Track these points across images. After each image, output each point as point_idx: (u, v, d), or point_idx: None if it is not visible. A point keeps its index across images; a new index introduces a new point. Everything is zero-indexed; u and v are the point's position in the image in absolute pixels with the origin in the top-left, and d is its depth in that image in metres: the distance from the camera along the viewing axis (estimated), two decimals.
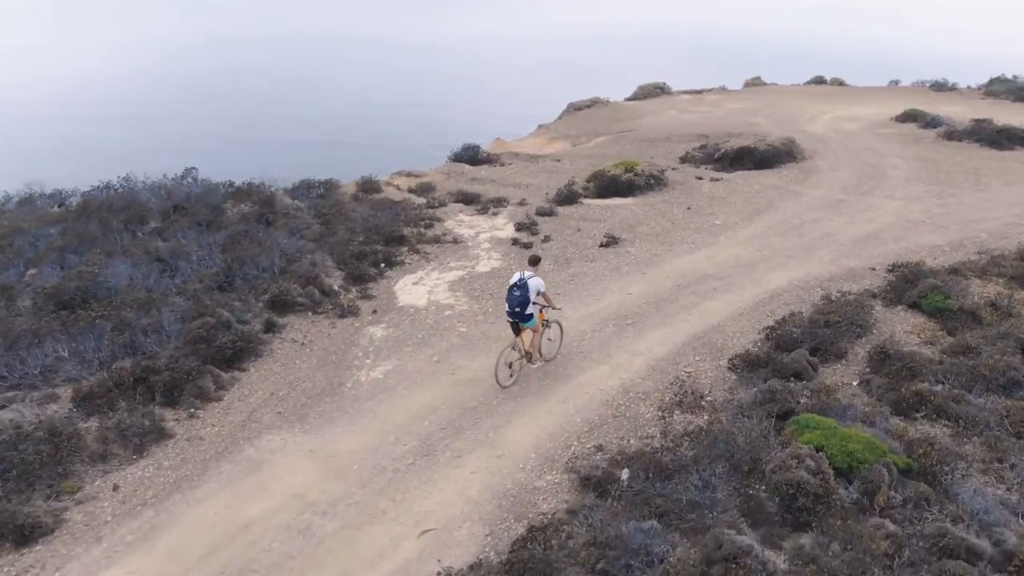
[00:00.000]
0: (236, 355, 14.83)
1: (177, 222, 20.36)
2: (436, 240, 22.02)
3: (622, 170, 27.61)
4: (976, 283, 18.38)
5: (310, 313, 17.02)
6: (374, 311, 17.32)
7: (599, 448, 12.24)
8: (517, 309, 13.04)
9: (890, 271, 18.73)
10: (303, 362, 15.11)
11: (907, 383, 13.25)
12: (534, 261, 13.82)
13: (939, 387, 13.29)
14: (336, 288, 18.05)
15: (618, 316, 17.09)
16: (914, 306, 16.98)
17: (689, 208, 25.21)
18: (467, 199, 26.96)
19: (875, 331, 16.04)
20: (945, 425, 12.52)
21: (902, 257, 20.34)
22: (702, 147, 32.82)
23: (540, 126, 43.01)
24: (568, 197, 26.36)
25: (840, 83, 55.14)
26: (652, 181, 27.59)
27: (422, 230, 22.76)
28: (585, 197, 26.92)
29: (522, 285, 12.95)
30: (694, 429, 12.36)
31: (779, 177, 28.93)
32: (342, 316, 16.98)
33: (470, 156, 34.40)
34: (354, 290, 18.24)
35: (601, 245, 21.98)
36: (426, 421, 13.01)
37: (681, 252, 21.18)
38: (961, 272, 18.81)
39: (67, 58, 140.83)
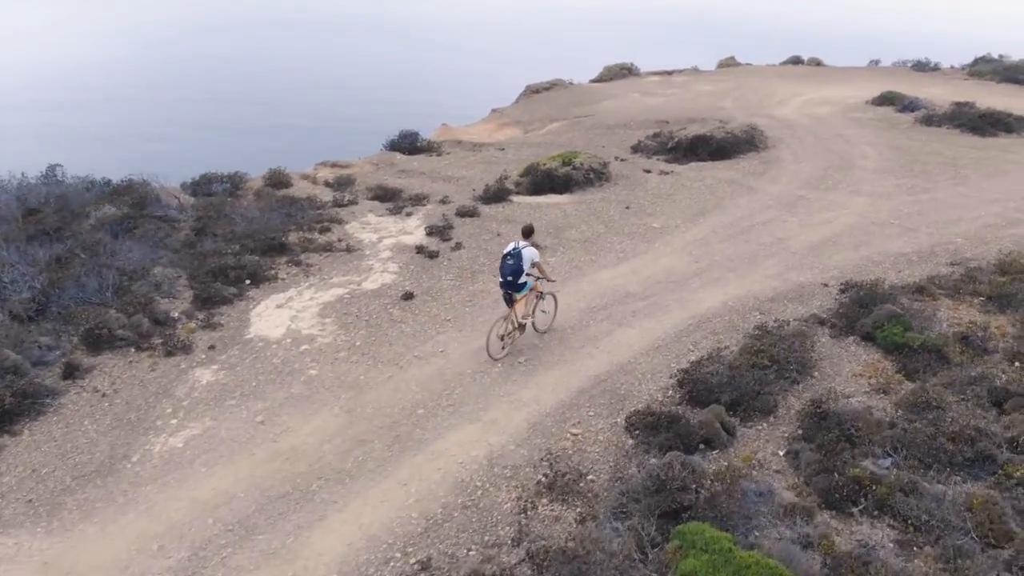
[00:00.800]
0: (9, 413, 11.42)
1: (10, 232, 16.87)
2: (327, 248, 18.60)
3: (559, 163, 24.10)
4: (946, 305, 15.00)
5: (133, 350, 13.60)
6: (211, 346, 13.91)
7: (424, 566, 8.87)
8: (510, 278, 12.45)
9: (843, 291, 15.28)
10: (94, 422, 11.73)
11: (846, 460, 9.88)
12: (528, 232, 13.06)
13: (887, 464, 9.93)
14: (175, 316, 14.62)
15: (511, 351, 13.70)
16: (868, 338, 13.60)
17: (628, 208, 21.77)
18: (385, 195, 23.54)
19: (817, 373, 12.69)
20: (890, 525, 9.17)
21: (861, 270, 16.97)
22: (656, 135, 29.30)
23: (493, 110, 39.41)
24: (497, 194, 22.94)
25: (818, 63, 51.49)
26: (592, 176, 24.10)
27: (315, 235, 19.36)
28: (517, 194, 23.47)
29: (515, 254, 12.39)
30: (556, 535, 9.00)
31: (735, 169, 25.46)
32: (170, 354, 13.57)
33: (408, 144, 30.89)
34: (199, 317, 14.81)
35: None
36: (210, 519, 9.66)
37: (606, 264, 17.78)
38: (928, 291, 15.43)
39: (48, 46, 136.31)
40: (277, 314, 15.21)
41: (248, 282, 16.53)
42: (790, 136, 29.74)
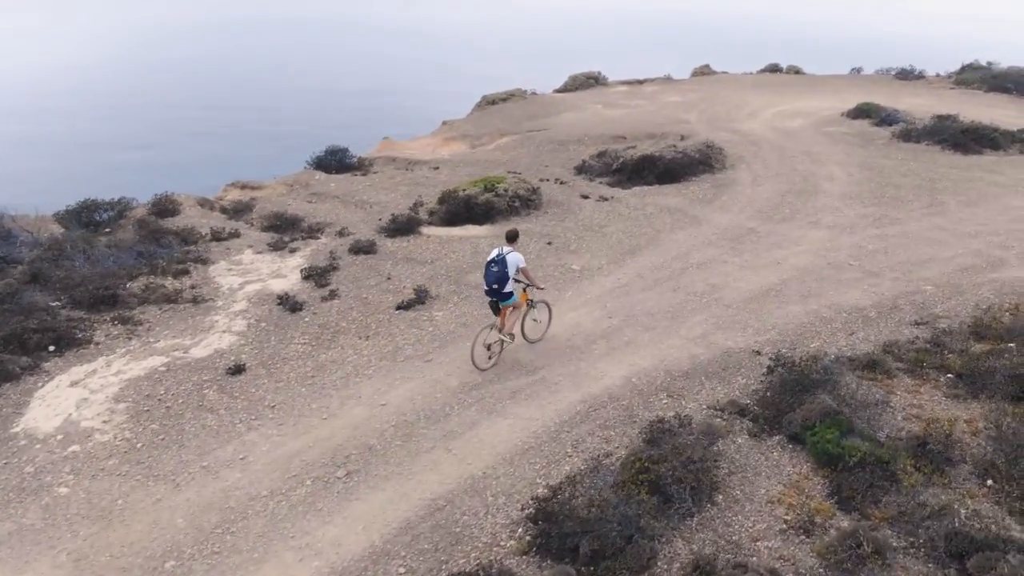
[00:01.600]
0: None
1: None
2: (172, 298, 15.25)
3: (480, 189, 20.73)
4: (904, 387, 11.60)
5: None
6: None
7: None
8: (495, 286, 11.60)
9: (770, 371, 11.83)
10: None
11: None
12: (512, 236, 12.12)
13: None
14: None
15: (333, 457, 10.35)
16: (796, 439, 10.18)
17: (550, 243, 18.42)
18: (280, 225, 20.28)
19: (721, 498, 9.28)
20: None
21: (805, 331, 13.58)
22: (601, 155, 25.89)
23: (444, 122, 36.02)
24: (405, 225, 19.64)
25: (797, 71, 48.05)
26: (518, 203, 20.73)
27: (166, 280, 16.01)
28: (430, 224, 20.14)
29: (500, 260, 11.54)
30: None
31: (683, 195, 22.08)
32: None
33: (336, 161, 27.59)
34: None
35: (400, 306, 15.22)
36: None
37: None
38: (883, 366, 12.03)
39: (44, 47, 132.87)
40: (65, 396, 11.84)
41: (52, 348, 13.15)
42: (753, 154, 26.33)
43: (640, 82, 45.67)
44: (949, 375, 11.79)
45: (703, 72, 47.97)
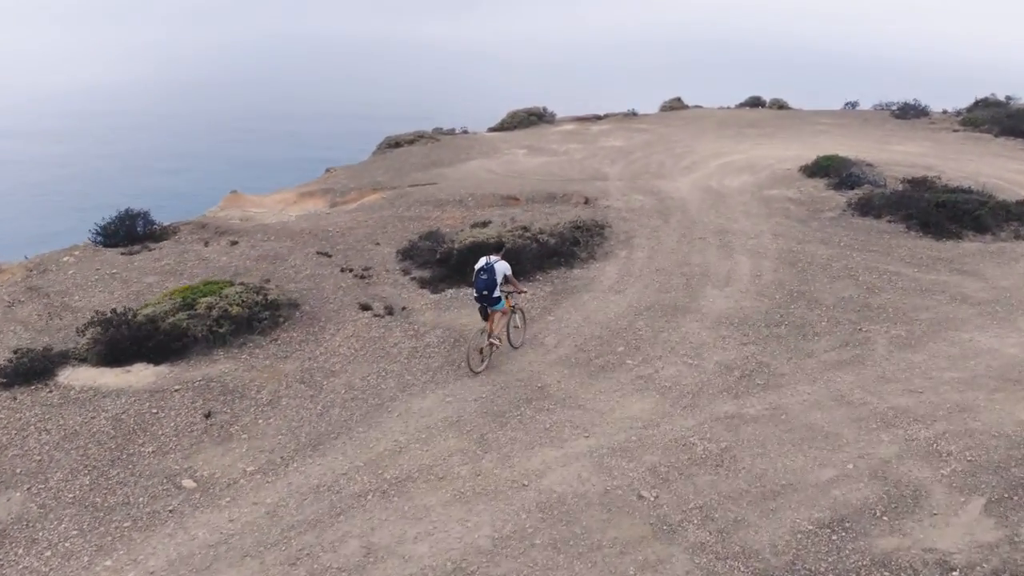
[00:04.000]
0: None
1: None
2: None
3: (178, 303, 13.46)
4: None
5: None
6: None
7: None
8: (484, 292, 11.52)
9: None
10: None
11: None
12: (499, 247, 12.90)
13: None
14: None
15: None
16: None
17: (209, 417, 11.04)
18: None
19: None
20: None
21: None
22: (430, 235, 18.44)
23: (328, 170, 28.95)
24: (40, 365, 12.61)
25: (780, 106, 39.68)
26: (227, 327, 13.38)
27: None
28: (84, 361, 13.00)
29: (488, 269, 11.50)
30: None
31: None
32: None
33: (126, 231, 20.78)
34: None
35: None
36: None
37: None
38: None
39: (65, 65, 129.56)
40: None
41: None
42: (650, 232, 18.72)
43: (597, 118, 38.03)
44: None
45: (673, 106, 40.08)
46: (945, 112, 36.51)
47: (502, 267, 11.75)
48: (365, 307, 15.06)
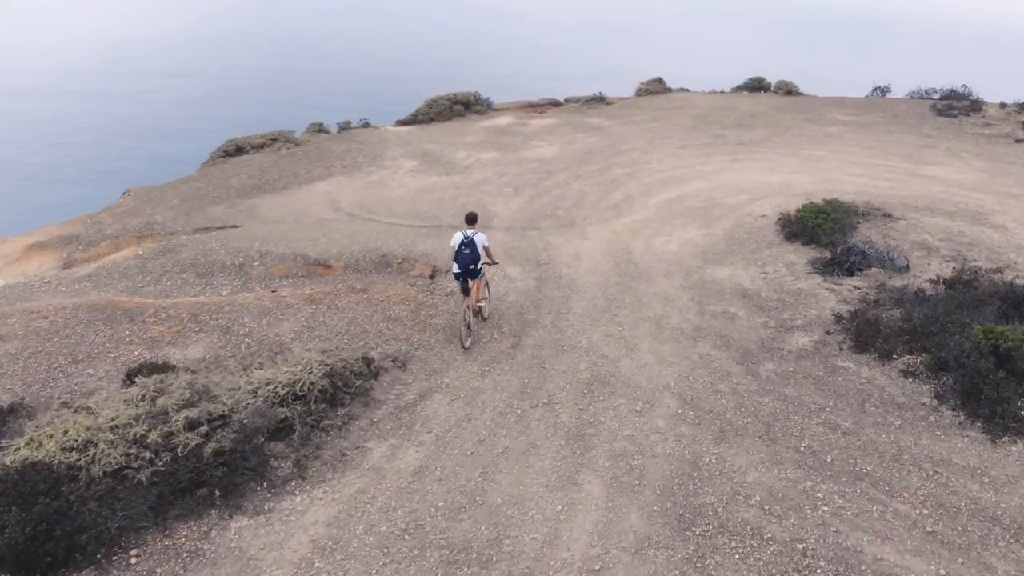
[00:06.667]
0: None
1: None
2: None
3: None
4: None
5: None
6: None
7: None
8: (471, 266, 11.02)
9: None
10: None
11: None
12: (473, 219, 11.30)
13: None
14: None
15: None
16: None
17: None
18: None
19: None
20: None
21: None
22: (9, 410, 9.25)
23: (126, 192, 19.98)
24: None
25: (789, 91, 29.20)
26: None
27: None
28: None
29: (470, 243, 10.98)
30: None
31: None
32: None
33: None
34: None
35: None
36: None
37: None
38: None
39: (104, 17, 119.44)
40: None
41: None
42: (473, 377, 9.76)
43: (553, 105, 28.34)
44: None
45: (651, 90, 29.95)
46: (1004, 106, 25.80)
47: (481, 239, 11.17)
48: None
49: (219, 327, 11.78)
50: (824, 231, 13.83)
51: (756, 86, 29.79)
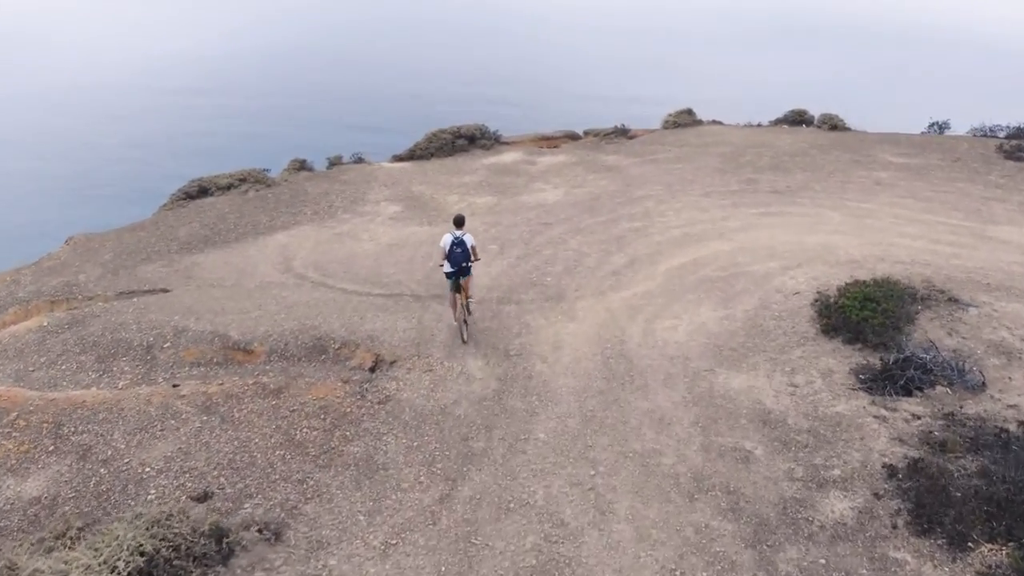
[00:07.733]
0: None
1: None
2: None
3: None
4: None
5: None
6: None
7: None
8: (464, 264, 11.43)
9: None
10: None
11: None
12: (460, 221, 11.60)
13: None
14: None
15: None
16: None
17: None
18: None
19: None
20: None
21: None
22: None
23: (68, 240, 17.48)
24: None
25: (834, 126, 25.67)
26: None
27: None
28: None
29: (461, 243, 11.34)
30: None
31: None
32: None
33: None
34: None
35: None
36: None
37: None
38: None
39: (169, 37, 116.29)
40: None
41: None
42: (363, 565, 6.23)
43: (571, 138, 25.38)
44: None
45: (680, 122, 26.69)
46: None
47: (469, 239, 11.48)
48: None
49: (78, 448, 8.93)
50: (873, 327, 10.48)
51: (797, 119, 26.32)
